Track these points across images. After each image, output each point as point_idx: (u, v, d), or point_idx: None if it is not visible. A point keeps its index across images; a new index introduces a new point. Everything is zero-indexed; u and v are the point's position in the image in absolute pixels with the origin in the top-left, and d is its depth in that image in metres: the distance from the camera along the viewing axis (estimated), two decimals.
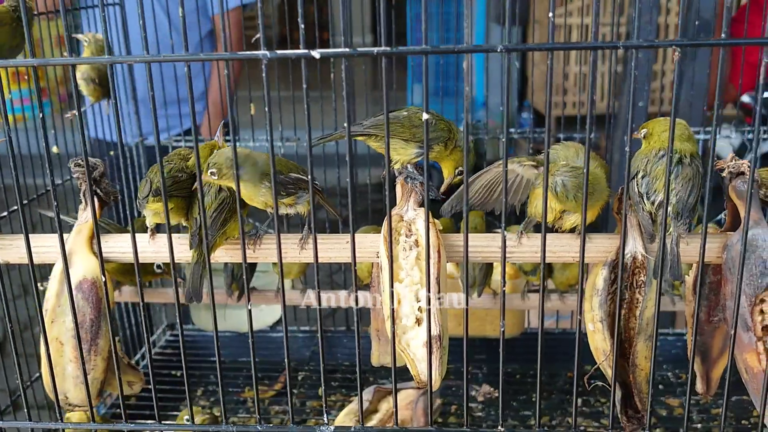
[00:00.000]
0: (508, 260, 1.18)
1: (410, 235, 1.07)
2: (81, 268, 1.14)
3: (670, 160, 0.82)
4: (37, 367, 1.44)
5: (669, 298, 1.57)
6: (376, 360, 1.28)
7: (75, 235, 1.16)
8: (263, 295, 1.73)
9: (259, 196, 1.07)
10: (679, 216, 0.99)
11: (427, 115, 0.77)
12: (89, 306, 1.14)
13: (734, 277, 1.01)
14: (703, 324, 1.18)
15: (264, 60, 0.76)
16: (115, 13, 1.76)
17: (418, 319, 1.04)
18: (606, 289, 1.08)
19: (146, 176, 1.13)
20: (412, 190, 1.11)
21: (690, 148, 1.02)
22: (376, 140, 1.11)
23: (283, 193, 1.09)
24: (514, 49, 0.73)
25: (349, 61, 0.82)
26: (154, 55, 0.76)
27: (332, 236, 1.13)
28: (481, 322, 1.83)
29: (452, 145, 1.12)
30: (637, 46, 0.72)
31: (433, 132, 1.09)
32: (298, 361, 2.03)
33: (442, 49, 0.75)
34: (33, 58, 0.80)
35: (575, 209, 1.05)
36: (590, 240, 1.08)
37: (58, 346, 1.16)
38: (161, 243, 1.14)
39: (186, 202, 1.12)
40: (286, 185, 1.09)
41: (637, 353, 1.08)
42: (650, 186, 1.01)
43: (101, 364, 1.18)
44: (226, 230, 1.09)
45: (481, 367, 1.92)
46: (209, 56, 0.78)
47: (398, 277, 1.05)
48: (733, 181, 1.05)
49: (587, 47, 0.72)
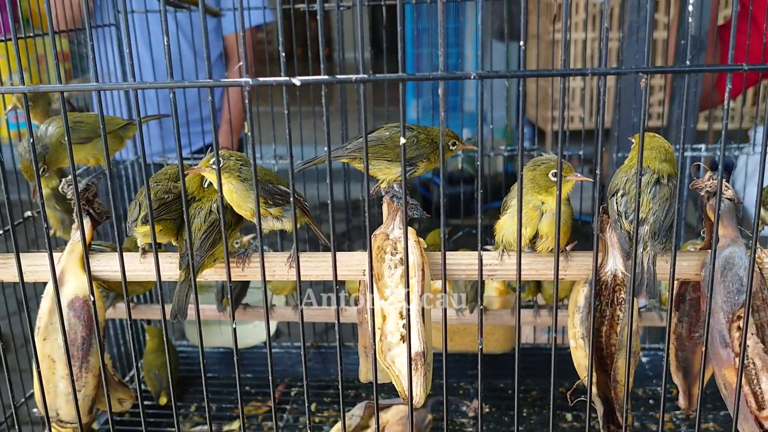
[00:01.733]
0: (492, 278, 1.20)
1: (395, 253, 1.09)
2: (73, 287, 1.16)
3: (641, 181, 0.84)
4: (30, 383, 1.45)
5: (657, 314, 1.58)
6: (364, 376, 1.29)
7: (68, 254, 1.18)
8: (257, 311, 1.75)
9: (247, 202, 1.09)
10: (655, 236, 1.01)
11: (404, 140, 0.79)
12: (81, 324, 1.17)
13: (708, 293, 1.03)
14: (684, 340, 1.19)
15: (246, 87, 0.79)
16: (112, 35, 1.79)
17: (402, 336, 1.06)
18: (587, 307, 1.10)
19: (135, 198, 1.15)
20: (398, 208, 1.13)
21: (668, 169, 1.04)
22: (360, 162, 1.13)
23: (270, 203, 1.11)
24: (486, 76, 0.76)
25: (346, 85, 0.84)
26: (139, 83, 0.79)
27: (319, 254, 1.15)
28: (472, 337, 1.85)
29: (437, 157, 1.13)
30: (604, 73, 0.75)
31: (416, 150, 1.11)
32: (293, 377, 2.04)
33: (418, 76, 0.78)
34: (23, 86, 0.83)
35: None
36: (571, 258, 1.10)
37: (50, 363, 1.18)
38: (151, 262, 1.16)
39: (175, 222, 1.14)
40: (274, 195, 1.11)
41: (618, 369, 1.10)
42: (628, 205, 1.03)
43: (92, 381, 1.20)
44: (215, 252, 1.11)
45: (473, 382, 1.94)
46: (193, 83, 0.81)
47: (383, 295, 1.07)
48: (710, 200, 1.07)
49: (557, 74, 0.75)
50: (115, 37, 1.83)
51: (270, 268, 1.13)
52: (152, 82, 0.82)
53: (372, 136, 1.10)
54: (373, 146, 1.08)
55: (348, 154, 1.10)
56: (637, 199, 0.85)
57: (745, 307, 0.96)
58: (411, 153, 1.09)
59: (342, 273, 1.12)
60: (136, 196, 1.17)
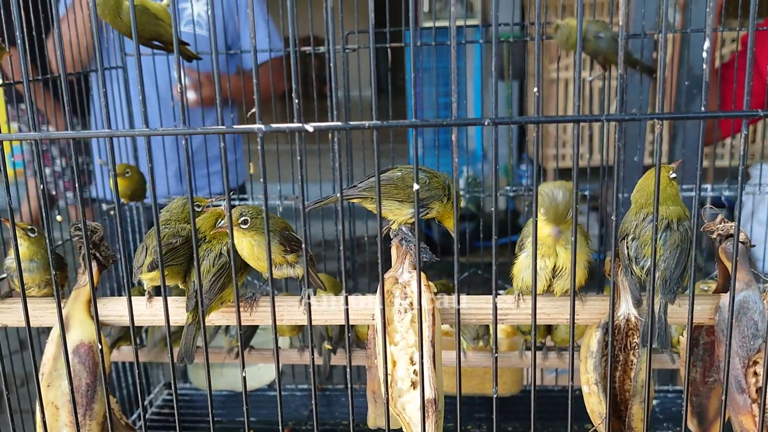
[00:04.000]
0: (506, 322, 1.19)
1: (405, 297, 1.07)
2: (78, 333, 1.15)
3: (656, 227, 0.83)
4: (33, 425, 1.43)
5: (668, 356, 1.56)
6: (372, 422, 1.27)
7: (73, 300, 1.17)
8: (260, 353, 1.73)
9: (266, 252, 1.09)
10: (666, 283, 1.00)
11: (417, 186, 0.79)
12: (85, 371, 1.15)
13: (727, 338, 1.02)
14: (698, 385, 1.17)
15: (259, 134, 0.79)
16: (119, 77, 1.80)
17: (413, 383, 1.04)
18: (600, 351, 1.09)
19: (143, 242, 1.14)
20: (407, 252, 1.12)
21: (676, 212, 1.03)
22: (371, 202, 1.12)
23: (288, 249, 1.11)
24: (501, 123, 0.76)
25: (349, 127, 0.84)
26: (151, 130, 0.79)
27: (328, 298, 1.14)
28: (480, 380, 1.83)
29: (449, 200, 1.13)
30: (620, 119, 0.75)
31: (428, 191, 1.10)
32: (297, 420, 2.01)
33: (431, 122, 0.78)
34: (35, 132, 0.83)
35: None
36: (584, 302, 1.09)
37: (54, 410, 1.16)
38: (158, 307, 1.15)
39: (182, 266, 1.13)
40: (291, 242, 1.11)
41: (632, 416, 1.08)
42: (639, 251, 1.02)
43: (96, 429, 1.18)
44: (223, 295, 1.10)
45: (480, 425, 1.91)
46: (206, 130, 0.81)
47: (393, 340, 1.05)
48: (723, 243, 1.06)
49: (572, 120, 0.75)
50: (121, 79, 1.84)
51: (279, 312, 1.12)
52: (164, 129, 0.81)
53: (383, 177, 1.09)
54: (384, 186, 1.07)
55: (359, 193, 1.09)
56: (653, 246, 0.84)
57: (762, 351, 0.95)
58: (423, 194, 1.08)
59: (351, 317, 1.11)
60: (144, 239, 1.16)
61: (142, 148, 1.95)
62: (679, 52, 2.17)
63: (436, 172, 1.11)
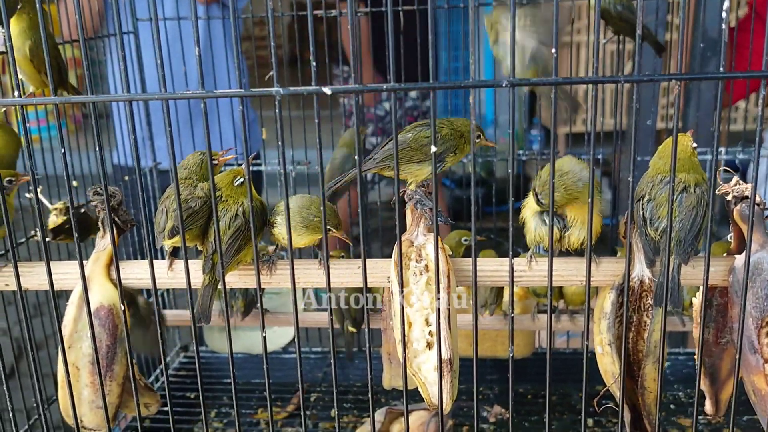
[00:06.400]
0: (519, 284, 1.20)
1: (420, 260, 1.08)
2: (98, 296, 1.17)
3: (672, 189, 0.83)
4: (50, 388, 1.46)
5: (679, 318, 1.57)
6: (388, 383, 1.29)
7: (92, 263, 1.19)
8: (275, 317, 1.75)
9: (301, 241, 1.17)
10: (681, 244, 1.00)
11: (435, 148, 0.79)
12: (105, 333, 1.17)
13: (741, 299, 1.02)
14: (711, 346, 1.19)
15: (277, 96, 0.79)
16: (130, 43, 1.80)
17: (428, 343, 1.06)
18: (614, 313, 1.10)
19: (161, 204, 1.14)
20: (421, 215, 1.13)
21: (695, 178, 1.03)
22: (389, 170, 1.12)
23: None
24: (519, 84, 0.76)
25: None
26: (170, 93, 0.79)
27: (344, 261, 1.15)
28: (493, 342, 1.85)
29: (462, 147, 1.14)
30: (638, 80, 0.74)
31: (443, 145, 1.10)
32: (311, 382, 2.04)
33: (449, 84, 0.78)
34: (55, 96, 0.83)
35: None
36: (597, 264, 1.10)
37: (75, 371, 1.18)
38: (177, 270, 1.16)
39: (202, 227, 1.14)
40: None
41: (645, 376, 1.09)
42: (654, 212, 1.02)
43: (116, 389, 1.20)
44: (240, 257, 1.11)
45: (492, 387, 1.93)
46: (224, 93, 0.81)
47: (409, 302, 1.07)
48: (737, 205, 1.06)
49: (590, 82, 0.75)
50: (133, 45, 1.84)
51: (296, 275, 1.13)
52: (183, 92, 0.82)
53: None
54: (401, 150, 1.07)
55: (377, 164, 1.10)
56: (670, 207, 0.84)
57: None
58: (440, 147, 1.08)
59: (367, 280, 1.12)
60: (162, 201, 1.16)
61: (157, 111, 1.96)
62: (694, 14, 2.15)
63: (450, 120, 1.11)
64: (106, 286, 1.18)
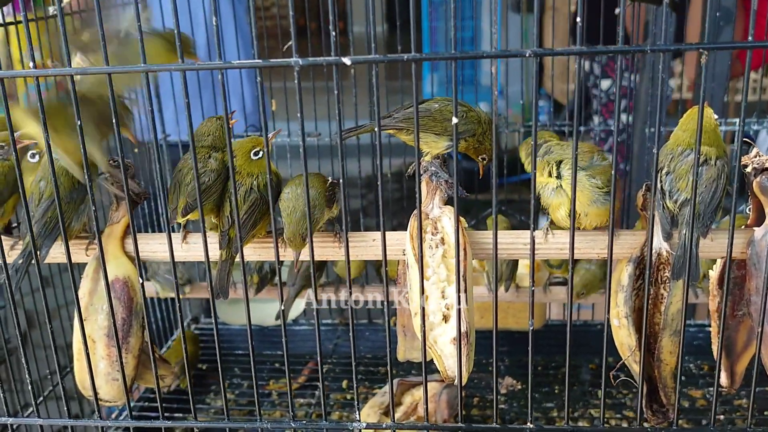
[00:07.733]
0: (536, 257, 1.19)
1: (436, 233, 1.08)
2: (113, 268, 1.17)
3: (697, 161, 0.82)
4: (62, 360, 1.47)
5: (692, 291, 1.57)
6: (402, 355, 1.29)
7: (107, 236, 1.18)
8: (286, 289, 1.76)
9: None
10: (700, 217, 0.99)
11: (456, 119, 0.78)
12: (121, 305, 1.17)
13: (759, 272, 1.02)
14: (727, 318, 1.18)
15: (296, 67, 0.78)
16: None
17: (445, 316, 1.06)
18: (631, 285, 1.09)
19: (174, 178, 1.13)
20: (437, 187, 1.12)
21: (715, 151, 1.02)
22: (407, 134, 1.11)
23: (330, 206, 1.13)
24: (542, 54, 0.74)
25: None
26: (188, 65, 0.78)
27: (359, 234, 1.14)
28: (504, 314, 1.85)
29: (481, 135, 1.13)
30: (664, 49, 0.73)
31: (464, 125, 1.10)
32: (323, 354, 2.05)
33: (470, 54, 0.77)
34: (70, 68, 0.82)
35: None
36: (616, 236, 1.09)
37: (90, 343, 1.19)
38: (191, 242, 1.16)
39: (216, 201, 1.13)
40: (330, 200, 1.12)
41: (661, 348, 1.09)
42: (674, 184, 1.02)
43: (132, 362, 1.21)
44: (255, 232, 1.10)
45: (503, 359, 1.94)
46: (242, 64, 0.80)
47: (425, 275, 1.06)
48: (757, 177, 1.05)
49: (614, 51, 0.73)
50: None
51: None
52: (201, 64, 0.81)
53: (420, 108, 1.07)
54: (421, 118, 1.06)
55: (395, 124, 1.08)
56: (695, 180, 0.83)
57: None
58: (460, 128, 1.07)
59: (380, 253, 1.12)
60: (175, 174, 1.14)
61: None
62: None
63: (471, 106, 1.10)
64: (121, 259, 1.18)
